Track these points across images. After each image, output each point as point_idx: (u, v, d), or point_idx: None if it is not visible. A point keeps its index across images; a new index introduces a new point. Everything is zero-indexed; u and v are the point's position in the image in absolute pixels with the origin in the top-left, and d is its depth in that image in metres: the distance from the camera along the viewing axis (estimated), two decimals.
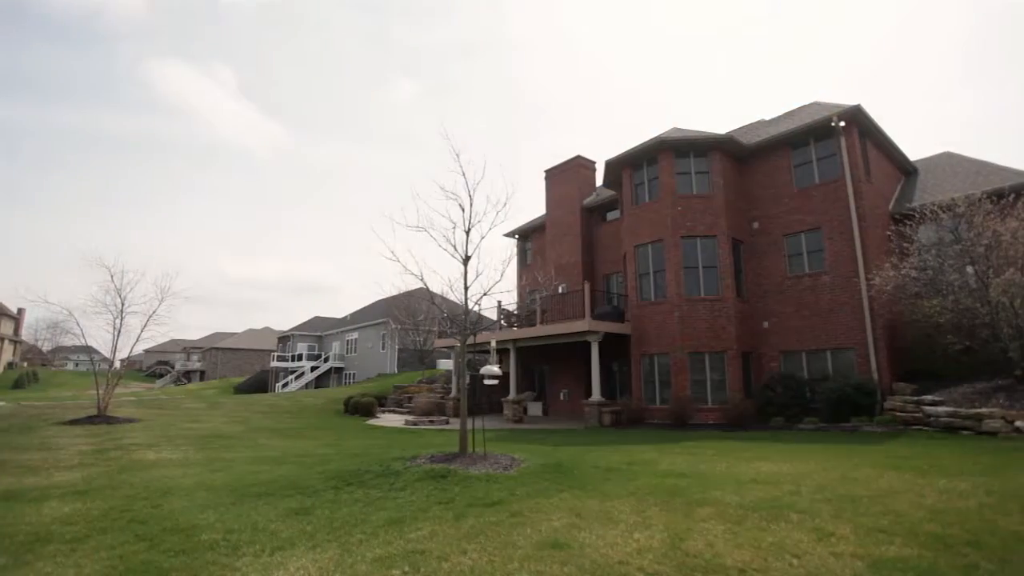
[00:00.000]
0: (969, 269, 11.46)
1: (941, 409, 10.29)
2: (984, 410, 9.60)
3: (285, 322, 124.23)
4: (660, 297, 15.76)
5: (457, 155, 8.73)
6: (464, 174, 8.73)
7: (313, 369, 44.03)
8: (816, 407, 12.81)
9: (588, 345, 16.00)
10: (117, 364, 17.68)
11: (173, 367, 69.62)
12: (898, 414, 11.07)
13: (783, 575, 3.41)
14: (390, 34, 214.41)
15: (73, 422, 14.27)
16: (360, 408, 21.00)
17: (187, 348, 71.81)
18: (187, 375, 65.92)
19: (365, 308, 48.39)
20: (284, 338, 51.28)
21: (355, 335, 43.34)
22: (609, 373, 18.39)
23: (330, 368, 44.38)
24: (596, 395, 15.43)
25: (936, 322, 11.59)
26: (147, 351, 76.08)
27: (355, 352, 43.07)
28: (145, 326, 16.57)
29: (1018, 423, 9.01)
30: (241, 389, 45.75)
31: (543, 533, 4.38)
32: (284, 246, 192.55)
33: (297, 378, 43.14)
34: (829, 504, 5.00)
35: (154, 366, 74.18)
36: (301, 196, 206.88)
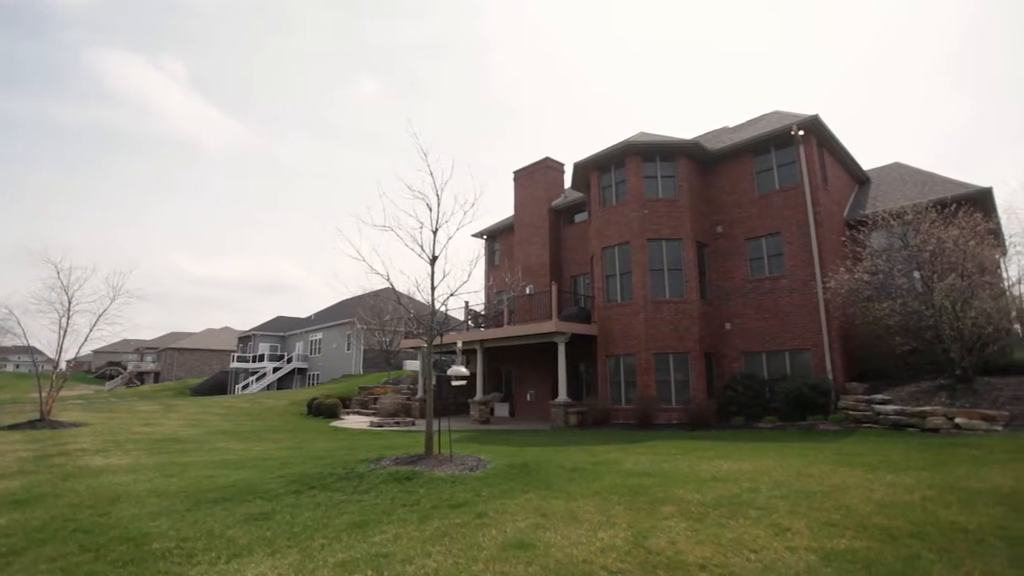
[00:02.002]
0: (916, 274, 12.05)
1: (889, 408, 10.78)
2: (928, 408, 10.10)
3: (246, 322, 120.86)
4: (626, 298, 15.99)
5: (425, 154, 8.66)
6: (432, 173, 8.67)
7: (275, 370, 42.89)
8: (775, 406, 13.22)
9: (555, 346, 16.10)
10: (63, 365, 16.82)
11: (125, 368, 66.59)
12: (851, 412, 11.53)
13: (742, 570, 3.49)
14: (358, 31, 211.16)
15: (12, 427, 13.51)
16: (324, 410, 20.57)
17: (140, 348, 68.91)
18: (140, 377, 63.21)
19: (330, 308, 47.48)
20: (245, 338, 49.79)
21: (319, 335, 42.45)
22: (576, 374, 18.55)
23: (293, 369, 43.33)
24: (562, 396, 15.54)
25: (886, 324, 12.14)
26: (96, 352, 72.64)
27: (319, 353, 42.18)
28: (94, 325, 15.86)
29: (958, 420, 9.52)
30: (198, 391, 44.19)
31: (508, 534, 4.37)
32: (246, 244, 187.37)
33: (258, 379, 41.94)
34: (785, 500, 5.16)
35: (104, 367, 70.83)
36: (264, 194, 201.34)
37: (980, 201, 14.20)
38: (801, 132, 14.64)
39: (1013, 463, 6.37)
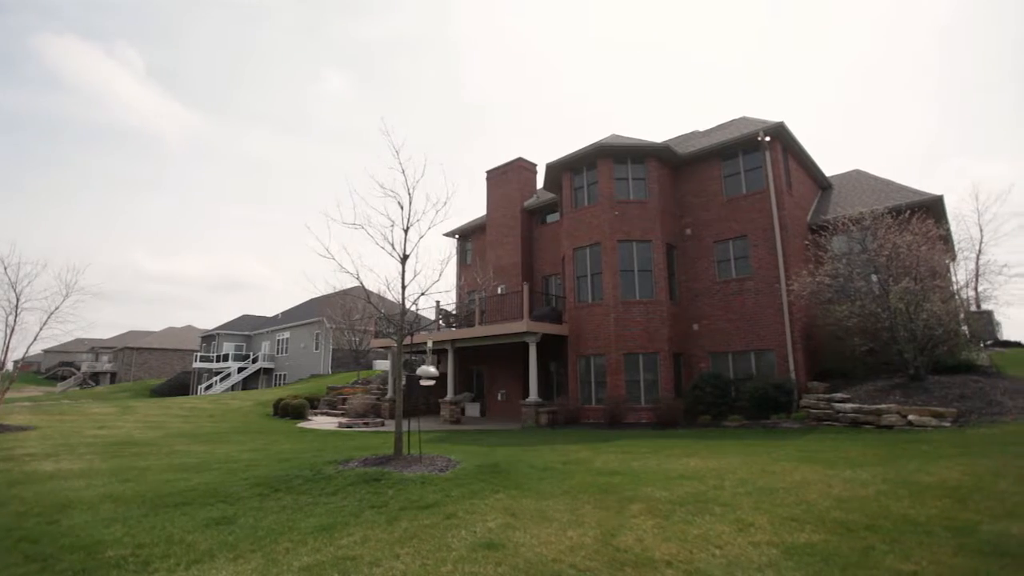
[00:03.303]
0: (874, 277, 12.55)
1: (848, 406, 11.18)
2: (883, 406, 10.52)
3: (210, 321, 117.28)
4: (597, 299, 16.15)
5: (397, 152, 8.57)
6: (404, 171, 8.58)
7: (240, 370, 41.77)
8: (741, 405, 13.55)
9: (526, 346, 16.14)
10: (9, 366, 15.99)
11: (78, 369, 63.71)
12: (812, 411, 11.91)
13: (707, 565, 3.57)
14: (326, 25, 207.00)
15: None
16: (291, 410, 20.13)
17: (96, 348, 66.06)
18: (95, 377, 60.62)
19: (298, 307, 46.51)
20: (208, 337, 48.32)
21: (287, 334, 41.53)
22: (547, 374, 18.64)
23: (259, 369, 42.28)
24: (533, 395, 15.59)
25: (845, 325, 12.59)
26: (47, 351, 69.32)
27: (286, 352, 41.27)
28: (45, 323, 15.10)
29: (910, 417, 9.94)
30: (158, 392, 42.69)
31: (478, 534, 4.36)
32: (210, 240, 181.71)
33: (222, 379, 40.78)
34: (749, 496, 5.29)
35: (56, 368, 67.63)
36: (227, 189, 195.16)
37: (932, 208, 14.87)
38: (767, 138, 15.05)
39: (959, 457, 6.68)
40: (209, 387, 40.01)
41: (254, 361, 42.78)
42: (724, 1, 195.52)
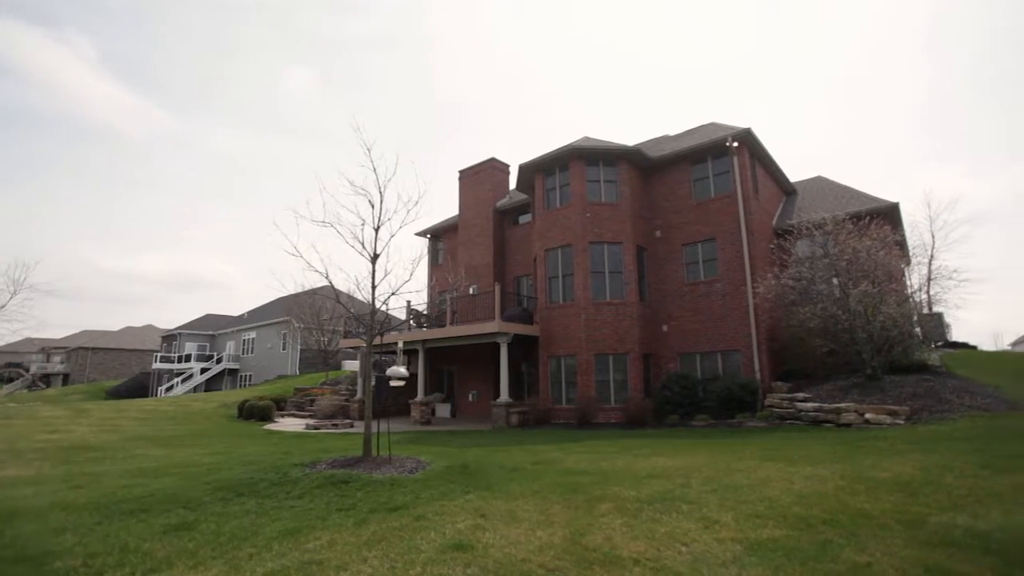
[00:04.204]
0: (835, 280, 12.99)
1: (809, 405, 11.54)
2: (842, 405, 10.90)
3: (171, 320, 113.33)
4: (568, 300, 16.26)
5: (368, 149, 8.47)
6: (375, 170, 8.49)
7: (204, 371, 40.54)
8: (708, 405, 13.84)
9: (498, 346, 16.14)
10: None
11: (27, 370, 60.69)
12: (775, 410, 12.25)
13: (673, 563, 3.62)
14: (295, 18, 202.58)
15: None
16: (256, 412, 19.63)
17: (47, 348, 63.05)
18: (46, 379, 57.83)
19: (265, 306, 45.42)
20: (170, 337, 46.73)
21: (253, 334, 40.50)
22: (518, 374, 18.67)
23: (223, 370, 41.11)
24: (504, 396, 15.59)
25: (808, 327, 13.00)
26: None
27: (252, 353, 40.25)
28: None
29: (867, 415, 10.33)
30: (115, 394, 41.09)
31: (447, 536, 4.33)
32: (170, 237, 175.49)
33: (184, 381, 39.51)
34: (715, 494, 5.41)
35: (2, 369, 64.29)
36: (189, 185, 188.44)
37: (889, 215, 15.50)
38: (735, 144, 15.43)
39: (911, 453, 6.98)
40: (170, 389, 38.70)
41: (218, 362, 41.58)
42: (697, 9, 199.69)
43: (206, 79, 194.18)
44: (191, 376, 39.94)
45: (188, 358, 41.33)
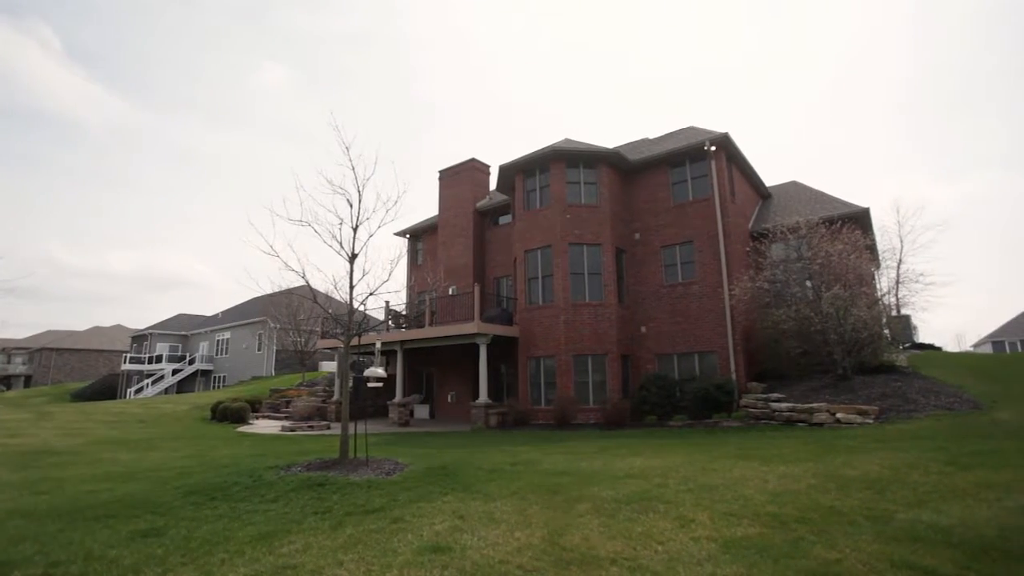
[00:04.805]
0: (808, 283, 13.29)
1: (783, 405, 11.78)
2: (814, 405, 11.15)
3: (143, 320, 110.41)
4: (548, 301, 16.31)
5: (347, 148, 8.36)
6: (354, 168, 8.38)
7: (175, 372, 39.57)
8: (685, 405, 14.01)
9: (477, 347, 16.10)
10: None
11: None
12: (751, 410, 12.47)
13: (649, 562, 3.66)
14: (269, 13, 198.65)
15: None
16: (230, 414, 19.22)
17: (8, 348, 60.68)
18: (6, 381, 55.74)
19: (240, 306, 44.56)
20: (140, 337, 45.51)
21: (227, 334, 39.70)
22: (497, 375, 18.65)
23: (196, 371, 40.19)
24: (483, 397, 15.56)
25: (782, 329, 13.27)
26: None
27: (227, 353, 39.44)
28: None
29: (838, 415, 10.59)
30: (80, 396, 39.78)
31: (425, 538, 4.30)
32: (140, 235, 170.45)
33: (155, 382, 38.49)
34: (691, 493, 5.47)
35: None
36: (160, 181, 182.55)
37: (860, 220, 15.92)
38: (713, 148, 15.67)
39: (879, 451, 7.17)
40: (139, 390, 37.67)
41: (191, 363, 40.64)
42: (675, 12, 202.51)
43: (177, 73, 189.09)
44: (162, 377, 38.95)
45: (159, 359, 40.29)
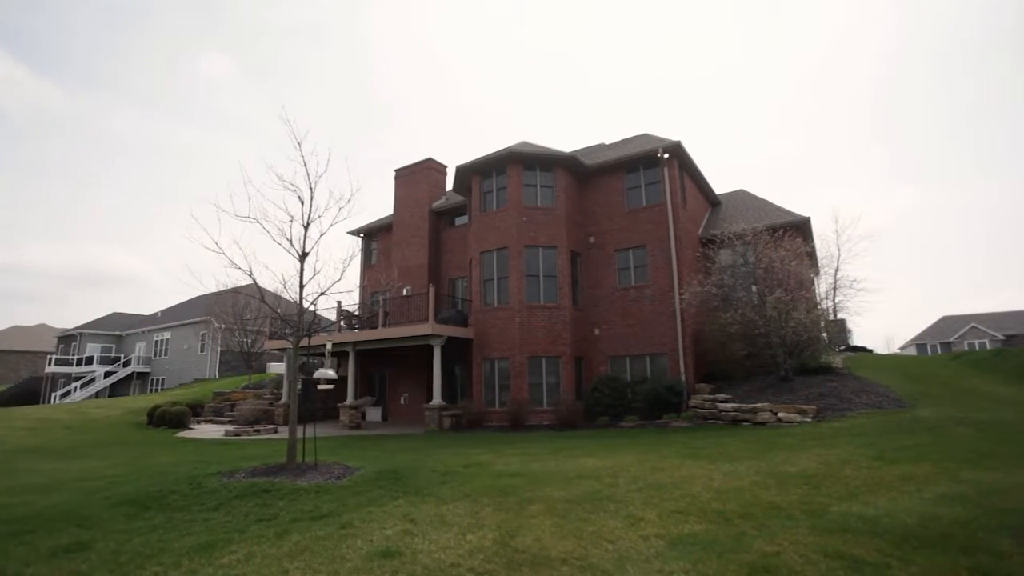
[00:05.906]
0: (753, 288, 13.88)
1: (729, 405, 12.24)
2: (758, 405, 11.64)
3: (71, 319, 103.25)
4: (503, 303, 16.34)
5: (299, 143, 8.14)
6: (306, 165, 8.16)
7: (108, 375, 37.19)
8: (636, 406, 14.33)
9: (431, 349, 15.94)
10: None
11: None
12: (699, 410, 12.89)
13: (600, 560, 3.71)
14: (217, 2, 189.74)
15: None
16: (169, 419, 18.24)
17: None
18: None
19: (181, 304, 42.38)
20: (68, 337, 42.54)
21: (167, 335, 37.68)
22: (451, 377, 18.52)
23: (132, 373, 37.92)
24: (437, 399, 15.41)
25: (729, 331, 13.79)
26: None
27: (166, 355, 37.43)
28: None
29: (780, 414, 11.10)
30: None
31: (374, 543, 4.20)
32: (64, 228, 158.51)
33: (84, 386, 36.02)
34: (641, 493, 5.60)
35: None
36: (89, 171, 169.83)
37: (802, 228, 16.77)
38: (666, 155, 16.12)
39: (817, 448, 7.56)
40: (67, 395, 35.21)
41: (125, 364, 38.32)
42: (628, 16, 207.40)
43: (109, 58, 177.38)
44: (93, 380, 36.52)
45: (90, 360, 37.76)
